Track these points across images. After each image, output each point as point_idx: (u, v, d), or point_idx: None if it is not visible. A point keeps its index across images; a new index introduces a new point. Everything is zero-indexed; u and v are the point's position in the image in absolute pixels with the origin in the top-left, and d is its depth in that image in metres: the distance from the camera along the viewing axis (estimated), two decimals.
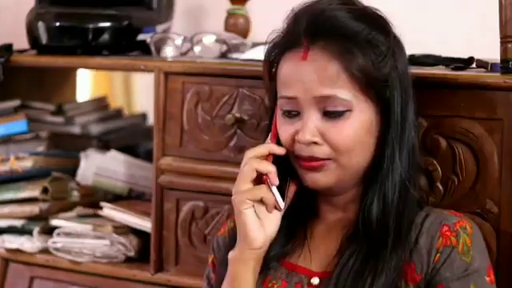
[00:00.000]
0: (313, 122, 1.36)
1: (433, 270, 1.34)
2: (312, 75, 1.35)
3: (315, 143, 1.36)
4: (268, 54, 1.45)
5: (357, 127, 1.36)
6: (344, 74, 1.35)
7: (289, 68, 1.38)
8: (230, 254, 1.40)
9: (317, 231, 1.46)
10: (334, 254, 1.40)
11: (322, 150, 1.36)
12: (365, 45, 1.35)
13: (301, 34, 1.37)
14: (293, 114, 1.39)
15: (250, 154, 1.40)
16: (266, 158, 1.40)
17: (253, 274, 1.39)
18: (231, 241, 1.47)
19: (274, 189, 1.38)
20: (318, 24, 1.36)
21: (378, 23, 1.39)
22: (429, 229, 1.37)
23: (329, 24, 1.36)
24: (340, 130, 1.35)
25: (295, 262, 1.44)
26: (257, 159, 1.39)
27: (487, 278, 1.35)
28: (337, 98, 1.35)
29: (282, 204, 1.39)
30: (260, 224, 1.38)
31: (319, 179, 1.38)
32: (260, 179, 1.39)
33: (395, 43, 1.40)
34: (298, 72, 1.37)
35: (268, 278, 1.42)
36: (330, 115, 1.36)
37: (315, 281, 1.40)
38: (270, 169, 1.38)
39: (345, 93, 1.35)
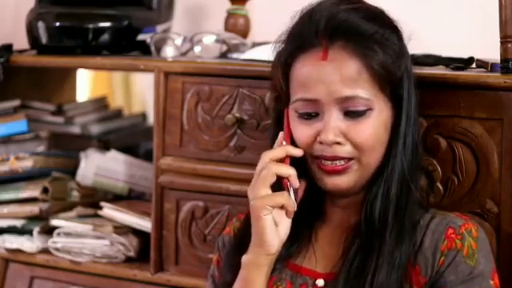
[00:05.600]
0: (335, 122, 1.36)
1: (437, 273, 1.34)
2: (333, 75, 1.35)
3: (338, 143, 1.36)
4: (278, 56, 1.44)
5: (377, 126, 1.37)
6: (365, 72, 1.35)
7: (307, 69, 1.37)
8: (244, 258, 1.39)
9: (322, 233, 1.46)
10: (340, 255, 1.40)
11: (345, 150, 1.36)
12: (383, 42, 1.36)
13: (318, 34, 1.36)
14: (312, 116, 1.38)
15: (267, 156, 1.38)
16: (282, 160, 1.39)
17: (265, 278, 1.39)
18: (237, 240, 1.48)
19: (292, 192, 1.38)
20: (336, 24, 1.36)
21: (390, 24, 1.41)
22: (434, 231, 1.37)
23: (347, 24, 1.36)
24: (362, 129, 1.36)
25: (300, 264, 1.43)
26: (275, 163, 1.38)
27: (491, 282, 1.35)
28: (359, 98, 1.35)
29: (295, 206, 1.39)
30: (276, 230, 1.37)
31: (341, 182, 1.38)
32: (277, 182, 1.38)
33: (404, 44, 1.42)
34: (318, 73, 1.36)
35: (273, 280, 1.42)
36: (352, 115, 1.36)
37: (320, 282, 1.41)
38: (290, 172, 1.38)
39: (366, 92, 1.35)
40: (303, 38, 1.39)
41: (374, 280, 1.32)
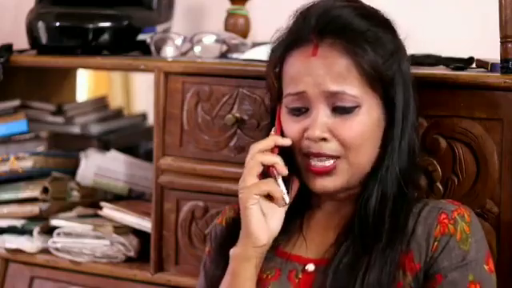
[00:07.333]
0: (322, 117, 1.36)
1: (431, 258, 1.34)
2: (322, 70, 1.35)
3: (324, 139, 1.36)
4: (273, 52, 1.44)
5: (366, 123, 1.36)
6: (354, 70, 1.35)
7: (297, 65, 1.38)
8: (232, 251, 1.39)
9: (314, 220, 1.46)
10: (331, 243, 1.40)
11: (331, 147, 1.36)
12: (374, 41, 1.36)
13: (310, 31, 1.37)
14: (301, 111, 1.39)
15: (255, 148, 1.39)
16: (271, 151, 1.40)
17: (255, 270, 1.39)
18: (228, 230, 1.48)
19: (280, 181, 1.38)
20: (327, 21, 1.37)
21: (384, 23, 1.41)
22: (426, 217, 1.37)
23: (338, 21, 1.37)
24: (349, 126, 1.36)
25: (290, 251, 1.43)
26: (261, 153, 1.39)
27: (486, 267, 1.35)
28: (346, 94, 1.35)
29: (287, 199, 1.39)
30: (264, 221, 1.37)
31: (328, 183, 1.38)
32: (266, 174, 1.38)
33: (400, 43, 1.42)
34: (307, 68, 1.36)
35: (262, 269, 1.41)
36: (340, 111, 1.36)
37: (310, 267, 1.40)
38: (275, 160, 1.38)
39: (354, 89, 1.35)
40: (296, 34, 1.40)
41: (366, 277, 1.32)
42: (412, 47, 1.47)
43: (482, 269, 1.34)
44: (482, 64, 1.65)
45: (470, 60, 1.68)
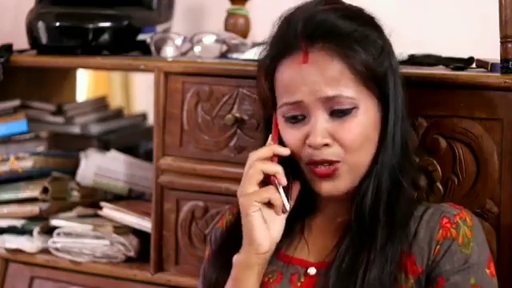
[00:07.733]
0: (321, 123, 1.36)
1: (433, 262, 1.34)
2: (315, 77, 1.35)
3: (326, 145, 1.36)
4: (262, 62, 1.44)
5: (364, 124, 1.36)
6: (347, 72, 1.35)
7: (290, 73, 1.38)
8: (235, 258, 1.39)
9: (315, 223, 1.46)
10: (333, 245, 1.40)
11: (334, 151, 1.36)
12: (363, 41, 1.36)
13: (297, 37, 1.36)
14: (299, 119, 1.38)
15: (254, 156, 1.39)
16: (270, 159, 1.39)
17: (257, 277, 1.39)
18: (228, 233, 1.48)
19: (281, 190, 1.38)
20: (314, 26, 1.36)
21: (369, 21, 1.40)
22: (428, 221, 1.37)
23: (325, 25, 1.36)
24: (348, 128, 1.35)
25: (291, 255, 1.43)
26: (262, 161, 1.38)
27: (487, 271, 1.35)
28: (343, 97, 1.35)
29: (287, 206, 1.39)
30: (266, 228, 1.37)
31: (333, 188, 1.38)
32: (265, 181, 1.38)
33: (386, 38, 1.41)
34: (300, 76, 1.36)
35: (264, 273, 1.42)
36: (338, 114, 1.36)
37: (312, 271, 1.40)
38: (277, 169, 1.38)
39: (350, 90, 1.35)
40: (284, 42, 1.39)
41: (366, 275, 1.32)
42: (412, 47, 1.47)
43: (483, 272, 1.34)
44: (481, 64, 1.65)
45: (470, 60, 1.68)
